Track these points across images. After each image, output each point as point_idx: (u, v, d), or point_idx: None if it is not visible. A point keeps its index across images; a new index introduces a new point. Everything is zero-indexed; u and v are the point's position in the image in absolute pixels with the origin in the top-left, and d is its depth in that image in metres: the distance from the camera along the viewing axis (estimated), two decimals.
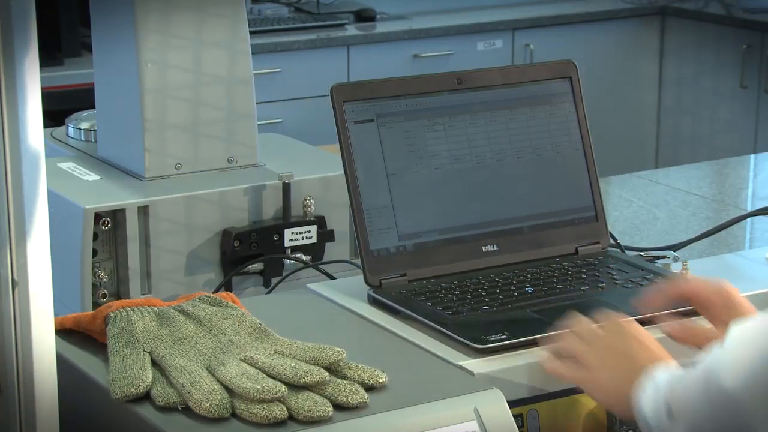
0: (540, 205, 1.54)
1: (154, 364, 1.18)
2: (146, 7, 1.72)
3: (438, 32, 4.58)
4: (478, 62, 4.48)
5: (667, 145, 5.04)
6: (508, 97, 1.54)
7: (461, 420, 1.13)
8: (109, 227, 1.65)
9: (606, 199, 2.54)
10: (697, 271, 1.80)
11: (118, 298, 1.67)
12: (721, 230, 2.02)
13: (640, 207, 2.49)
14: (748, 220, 2.32)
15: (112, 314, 1.25)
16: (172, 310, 1.26)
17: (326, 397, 1.11)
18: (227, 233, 1.70)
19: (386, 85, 1.48)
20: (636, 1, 4.96)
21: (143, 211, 1.66)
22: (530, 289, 1.42)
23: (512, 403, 1.23)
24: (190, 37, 1.76)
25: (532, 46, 4.71)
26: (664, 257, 1.77)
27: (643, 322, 1.32)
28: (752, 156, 3.32)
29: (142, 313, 1.24)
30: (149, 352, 1.19)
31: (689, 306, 1.37)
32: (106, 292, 1.66)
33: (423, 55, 4.53)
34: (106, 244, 1.66)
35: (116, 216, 1.65)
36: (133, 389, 1.14)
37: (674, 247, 1.93)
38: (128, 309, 1.25)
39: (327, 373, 1.13)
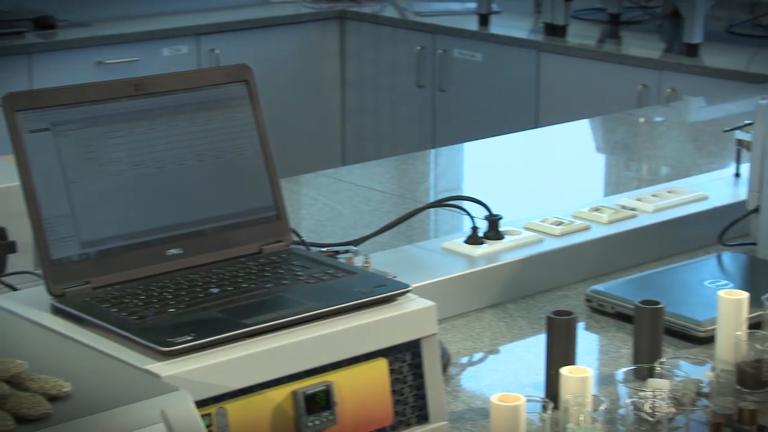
0: (223, 206, 1.54)
1: None
2: None
3: (122, 39, 4.51)
4: (164, 68, 4.44)
5: (352, 143, 5.16)
6: (186, 102, 1.54)
7: (148, 423, 1.12)
8: None
9: (294, 198, 2.58)
10: (379, 263, 1.86)
11: None
12: (401, 223, 2.08)
13: (325, 204, 2.54)
14: (432, 211, 2.41)
15: None
16: None
17: (7, 411, 1.08)
18: None
19: (61, 93, 1.45)
20: (315, 6, 5.05)
21: None
22: (216, 290, 1.42)
23: (201, 403, 1.23)
24: None
25: (217, 51, 4.71)
26: (346, 252, 1.82)
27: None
28: (432, 151, 3.45)
29: None
30: None
31: None
32: None
33: (107, 62, 4.45)
34: None
35: None
36: None
37: (356, 242, 1.97)
38: None
39: (7, 387, 1.10)
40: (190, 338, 1.29)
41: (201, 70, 1.62)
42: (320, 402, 1.34)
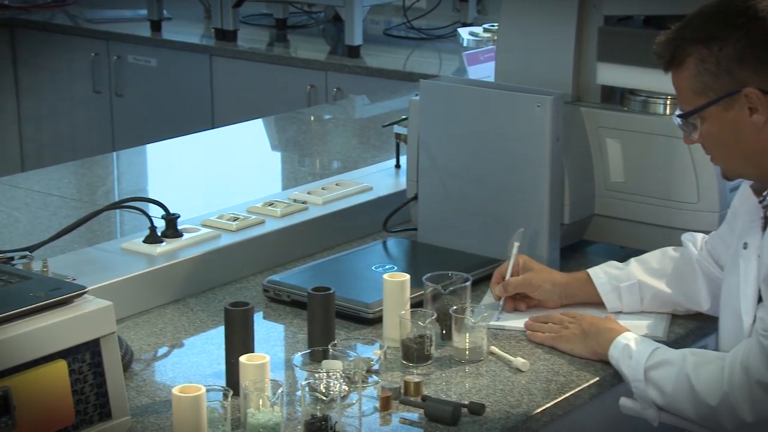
0: None
1: None
2: None
3: None
4: None
5: (31, 150, 4.97)
6: None
7: None
8: None
9: None
10: (58, 267, 1.80)
11: None
12: (77, 227, 2.02)
13: (0, 212, 2.44)
14: (114, 214, 2.36)
15: None
16: None
17: None
18: None
19: None
20: None
21: None
22: None
23: None
24: None
25: None
26: (23, 257, 1.75)
27: None
28: (113, 154, 3.38)
29: None
30: None
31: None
32: None
33: None
34: None
35: None
36: None
37: (33, 248, 1.90)
38: None
39: None
40: None
41: None
42: None
